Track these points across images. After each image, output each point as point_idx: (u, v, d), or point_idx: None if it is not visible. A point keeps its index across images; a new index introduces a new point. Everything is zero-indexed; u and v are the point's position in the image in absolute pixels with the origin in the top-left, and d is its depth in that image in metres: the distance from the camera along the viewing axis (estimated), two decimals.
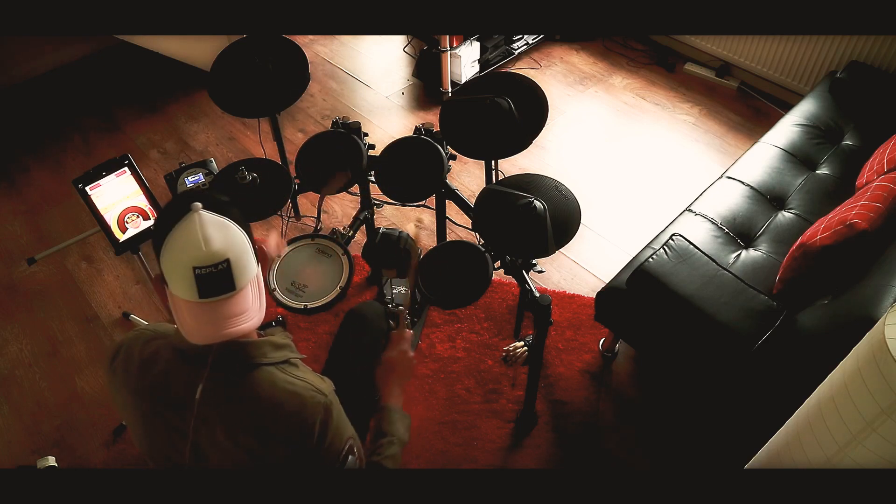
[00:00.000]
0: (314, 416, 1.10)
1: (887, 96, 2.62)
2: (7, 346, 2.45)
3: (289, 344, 1.20)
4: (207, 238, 1.00)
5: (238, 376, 1.10)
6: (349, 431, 1.18)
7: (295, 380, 1.13)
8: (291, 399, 1.10)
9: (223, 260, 1.01)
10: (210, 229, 1.01)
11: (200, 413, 1.09)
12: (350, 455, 1.16)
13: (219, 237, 1.01)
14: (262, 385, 1.10)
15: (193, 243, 1.00)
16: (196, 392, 1.08)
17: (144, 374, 1.14)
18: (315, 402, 1.11)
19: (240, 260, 1.03)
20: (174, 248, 1.01)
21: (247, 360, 1.10)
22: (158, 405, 1.13)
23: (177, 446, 1.12)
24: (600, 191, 2.97)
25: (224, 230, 1.03)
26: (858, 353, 1.14)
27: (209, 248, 1.00)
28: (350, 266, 1.77)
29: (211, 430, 1.10)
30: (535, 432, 2.14)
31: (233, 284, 1.03)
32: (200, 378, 1.08)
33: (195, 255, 0.99)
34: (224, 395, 1.09)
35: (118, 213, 1.94)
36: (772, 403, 1.60)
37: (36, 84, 3.62)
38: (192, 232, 1.00)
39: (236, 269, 1.02)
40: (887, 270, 1.66)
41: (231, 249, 1.02)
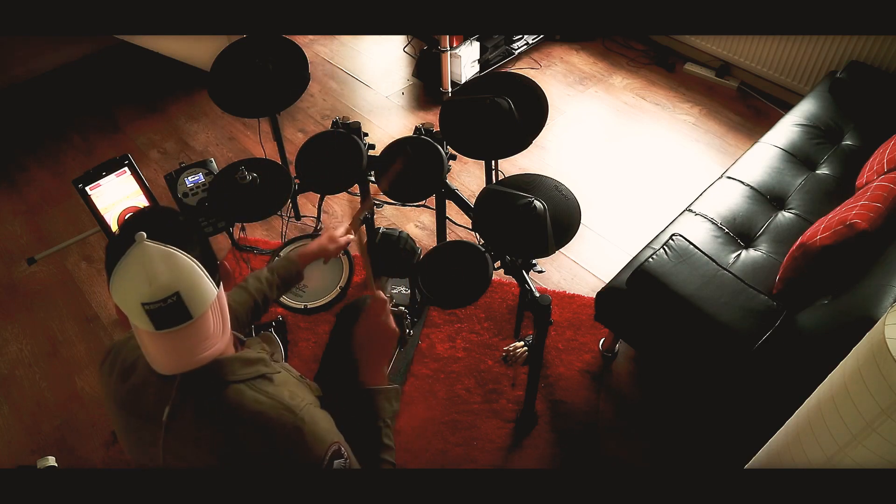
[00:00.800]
0: (281, 433, 1.07)
1: (887, 96, 2.62)
2: (7, 346, 2.45)
3: (263, 358, 1.16)
4: (152, 273, 0.96)
5: (207, 395, 1.08)
6: (331, 437, 1.13)
7: (264, 398, 1.09)
8: (256, 419, 1.07)
9: (172, 293, 0.97)
10: (155, 263, 0.97)
11: (168, 432, 1.08)
12: (336, 459, 1.12)
13: (165, 270, 0.97)
14: (229, 404, 1.08)
15: (139, 279, 0.96)
16: (164, 413, 1.07)
17: (122, 382, 1.14)
18: (282, 423, 1.08)
19: (192, 290, 0.99)
20: (121, 284, 0.98)
21: (214, 379, 1.08)
22: (132, 416, 1.12)
23: (152, 458, 1.12)
24: (600, 191, 2.97)
25: (170, 261, 0.98)
26: (858, 353, 1.14)
27: (155, 284, 0.96)
28: (350, 266, 1.77)
29: (178, 448, 1.09)
30: (535, 432, 2.14)
31: (188, 314, 1.00)
32: (169, 397, 1.07)
33: (142, 291, 0.96)
34: (193, 413, 1.08)
35: (118, 213, 1.95)
36: (772, 403, 1.60)
37: (36, 84, 3.62)
38: (137, 268, 0.97)
39: (189, 299, 0.99)
40: (887, 270, 1.66)
41: (180, 281, 0.98)
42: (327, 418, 1.17)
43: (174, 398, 1.07)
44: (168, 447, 1.09)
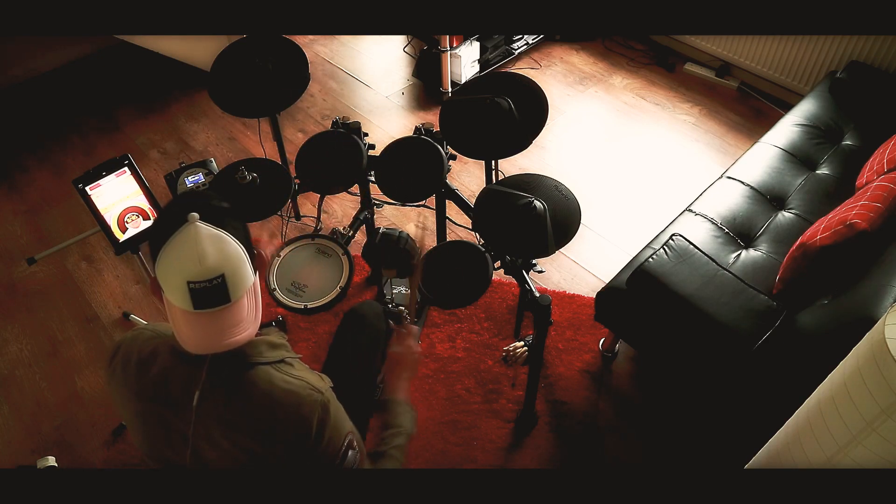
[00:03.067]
0: (311, 414, 1.11)
1: (887, 96, 2.62)
2: (7, 346, 2.45)
3: (284, 344, 1.20)
4: (203, 253, 1.00)
5: (235, 377, 1.10)
6: (348, 427, 1.18)
7: (292, 378, 1.13)
8: (288, 398, 1.10)
9: (218, 275, 1.00)
10: (205, 244, 1.00)
11: (199, 416, 1.09)
12: (350, 450, 1.16)
13: (214, 252, 1.01)
14: (259, 385, 1.10)
15: (189, 258, 0.99)
16: (193, 397, 1.08)
17: (142, 374, 1.14)
18: (312, 401, 1.11)
19: (235, 273, 1.03)
20: (170, 261, 1.01)
21: (243, 361, 1.11)
22: (156, 406, 1.13)
23: (176, 447, 1.12)
24: (600, 191, 2.97)
25: (220, 244, 1.02)
26: (858, 353, 1.14)
27: (204, 264, 0.99)
28: (350, 266, 1.77)
29: (210, 432, 1.10)
30: (535, 432, 2.14)
31: (227, 297, 1.02)
32: (198, 381, 1.08)
33: (190, 269, 0.99)
34: (222, 397, 1.09)
35: (118, 213, 1.94)
36: (772, 403, 1.60)
37: (36, 84, 3.62)
38: (188, 246, 1.00)
39: (231, 283, 1.02)
40: (887, 270, 1.66)
41: (226, 264, 1.02)
42: (342, 408, 1.20)
43: (203, 382, 1.08)
44: (198, 433, 1.10)
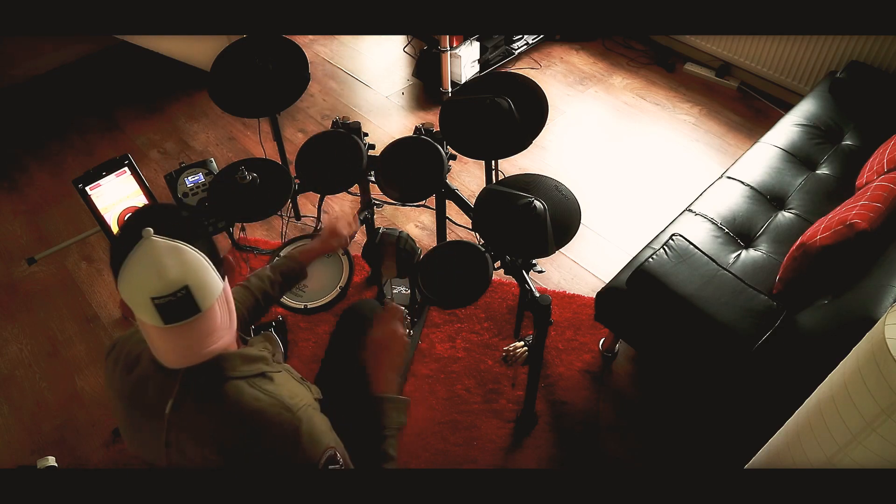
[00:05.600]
0: (278, 432, 1.08)
1: (887, 96, 2.62)
2: (7, 346, 2.45)
3: (264, 356, 1.17)
4: (162, 267, 0.97)
5: (208, 390, 1.08)
6: (327, 442, 1.13)
7: (263, 395, 1.10)
8: (255, 417, 1.08)
9: (182, 287, 0.98)
10: (164, 257, 0.98)
11: (171, 425, 1.08)
12: (330, 464, 1.12)
13: (174, 264, 0.98)
14: (227, 401, 1.08)
15: (148, 274, 0.97)
16: (167, 406, 1.07)
17: (126, 376, 1.14)
18: (280, 420, 1.08)
19: (200, 283, 1.00)
20: (130, 279, 0.99)
21: (216, 374, 1.08)
22: (135, 409, 1.13)
23: (154, 452, 1.12)
24: (600, 191, 2.97)
25: (179, 255, 0.99)
26: (858, 353, 1.14)
27: (165, 277, 0.97)
28: (350, 266, 1.77)
29: (181, 442, 1.09)
30: (535, 432, 2.14)
31: (197, 307, 1.01)
32: (172, 391, 1.07)
33: (152, 285, 0.97)
34: (193, 408, 1.08)
35: (118, 213, 1.95)
36: (772, 403, 1.60)
37: (36, 84, 3.62)
38: (146, 262, 0.98)
39: (197, 293, 1.00)
40: (887, 270, 1.66)
41: (189, 274, 0.99)
42: (325, 422, 1.17)
43: (176, 392, 1.07)
44: (170, 441, 1.10)
